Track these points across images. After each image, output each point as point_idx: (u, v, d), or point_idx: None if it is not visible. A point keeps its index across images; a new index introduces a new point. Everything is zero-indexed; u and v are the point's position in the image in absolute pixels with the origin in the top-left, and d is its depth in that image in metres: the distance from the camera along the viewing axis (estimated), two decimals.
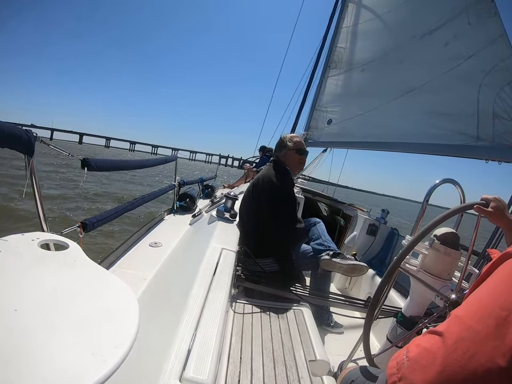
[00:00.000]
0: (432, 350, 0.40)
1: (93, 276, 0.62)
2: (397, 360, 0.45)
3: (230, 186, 4.17)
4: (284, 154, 1.83)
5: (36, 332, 0.42)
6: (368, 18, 3.67)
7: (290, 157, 1.83)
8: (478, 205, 0.80)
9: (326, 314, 1.81)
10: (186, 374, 0.59)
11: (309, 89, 4.36)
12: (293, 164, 1.85)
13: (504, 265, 0.42)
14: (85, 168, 1.14)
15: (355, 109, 3.56)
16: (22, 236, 0.68)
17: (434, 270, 1.02)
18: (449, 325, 0.41)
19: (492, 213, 0.78)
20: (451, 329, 0.40)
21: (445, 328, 0.41)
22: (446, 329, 0.41)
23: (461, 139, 2.35)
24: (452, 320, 0.41)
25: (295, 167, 1.87)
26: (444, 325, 0.42)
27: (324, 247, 1.74)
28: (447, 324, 0.42)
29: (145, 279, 1.25)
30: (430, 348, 0.41)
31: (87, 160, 1.15)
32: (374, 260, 2.72)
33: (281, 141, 1.87)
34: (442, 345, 0.39)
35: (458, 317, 0.41)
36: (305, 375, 0.97)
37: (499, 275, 0.42)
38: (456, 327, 0.40)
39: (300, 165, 1.89)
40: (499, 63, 2.21)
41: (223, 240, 1.39)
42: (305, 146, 1.90)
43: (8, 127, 0.82)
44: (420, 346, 0.43)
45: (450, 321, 0.42)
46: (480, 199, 0.82)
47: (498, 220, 0.78)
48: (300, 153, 1.84)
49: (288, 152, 1.83)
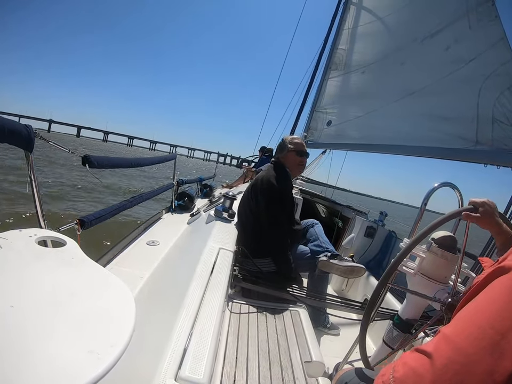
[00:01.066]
0: (420, 372, 0.38)
1: (90, 274, 0.62)
2: (382, 379, 0.43)
3: (229, 186, 4.17)
4: (284, 155, 1.84)
5: (31, 329, 0.42)
6: (370, 21, 3.68)
7: (290, 158, 1.84)
8: (466, 211, 0.80)
9: (323, 315, 1.81)
10: (182, 373, 0.59)
11: (309, 91, 4.37)
12: (293, 165, 1.85)
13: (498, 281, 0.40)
14: (86, 165, 1.15)
15: (355, 111, 3.57)
16: (19, 232, 0.68)
17: (431, 273, 1.02)
18: (439, 345, 0.39)
19: (480, 218, 0.78)
20: (440, 350, 0.38)
21: (433, 348, 0.39)
22: (435, 349, 0.38)
23: (460, 143, 2.36)
24: (441, 340, 0.39)
25: (295, 169, 1.87)
26: (433, 344, 0.39)
27: (322, 248, 1.74)
28: (436, 343, 0.39)
29: (142, 277, 1.25)
30: (418, 368, 0.38)
31: (88, 157, 1.15)
32: (372, 262, 2.73)
33: (282, 142, 1.88)
34: (431, 367, 0.37)
35: (448, 337, 0.38)
36: (301, 376, 0.97)
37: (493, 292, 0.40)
38: (446, 347, 0.37)
39: (299, 167, 1.89)
40: (499, 67, 2.22)
41: (221, 239, 1.38)
42: (305, 148, 1.91)
43: (8, 123, 0.82)
44: (407, 365, 0.41)
45: (439, 341, 0.39)
46: (468, 203, 0.83)
47: (487, 224, 0.79)
48: (300, 155, 1.85)
49: (288, 153, 1.83)
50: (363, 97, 3.54)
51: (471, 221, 0.80)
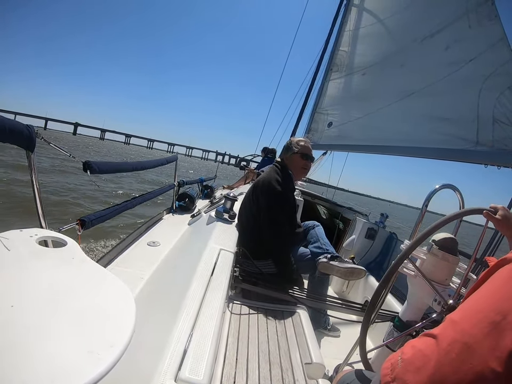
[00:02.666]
0: (426, 352, 0.40)
1: (91, 274, 0.62)
2: (391, 361, 0.45)
3: (230, 187, 4.17)
4: (290, 157, 1.82)
5: (32, 329, 0.42)
6: (371, 23, 3.69)
7: (295, 160, 1.81)
8: (487, 211, 0.82)
9: (323, 317, 1.81)
10: (181, 374, 0.59)
11: (310, 92, 4.38)
12: (297, 168, 1.83)
13: (500, 271, 0.43)
14: (87, 171, 1.12)
15: (355, 112, 3.57)
16: (20, 232, 0.68)
17: (432, 275, 1.02)
18: (444, 328, 0.41)
19: (500, 221, 0.80)
20: (446, 332, 0.41)
21: (440, 331, 0.41)
22: (441, 332, 0.41)
23: (460, 144, 2.36)
24: (447, 324, 0.42)
25: (298, 172, 1.85)
26: (439, 328, 0.42)
27: (322, 250, 1.73)
28: (443, 327, 0.42)
29: (143, 278, 1.25)
30: (424, 350, 0.41)
31: (89, 163, 1.13)
32: (372, 264, 2.72)
33: (289, 143, 1.85)
34: (436, 347, 0.39)
35: (454, 321, 0.41)
36: (301, 378, 0.96)
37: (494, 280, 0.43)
38: (451, 330, 0.40)
39: (303, 170, 1.87)
40: (499, 67, 2.22)
41: (222, 241, 1.38)
42: (312, 152, 1.88)
43: (10, 122, 0.82)
44: (415, 347, 0.43)
45: (445, 325, 0.42)
46: (489, 207, 0.84)
47: (505, 227, 0.81)
48: (305, 158, 1.82)
49: (294, 155, 1.81)
50: (364, 99, 3.54)
51: (491, 220, 0.82)
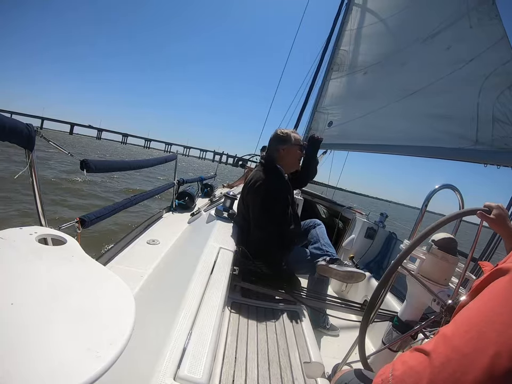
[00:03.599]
0: (418, 370, 0.39)
1: (90, 272, 0.62)
2: (382, 378, 0.44)
3: (230, 186, 4.16)
4: (287, 148, 1.73)
5: (31, 326, 0.42)
6: (372, 22, 3.67)
7: (293, 152, 1.75)
8: (480, 211, 0.81)
9: (322, 316, 1.80)
10: (180, 373, 0.59)
11: (311, 91, 4.37)
12: (293, 160, 1.78)
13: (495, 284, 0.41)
14: (84, 170, 1.11)
15: (356, 111, 3.56)
16: (20, 229, 0.68)
17: (431, 275, 1.02)
18: (437, 344, 0.40)
19: (494, 220, 0.79)
20: (438, 349, 0.39)
21: (432, 347, 0.40)
22: (434, 348, 0.39)
23: (460, 143, 2.36)
24: (439, 339, 0.40)
25: (293, 163, 1.80)
26: (432, 343, 0.41)
27: (322, 251, 1.70)
28: (435, 342, 0.40)
29: (142, 276, 1.25)
30: (416, 366, 0.40)
31: (87, 161, 1.12)
32: (371, 264, 2.73)
33: (282, 135, 1.74)
34: (429, 365, 0.38)
35: (446, 336, 0.39)
36: (300, 377, 0.97)
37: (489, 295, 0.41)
38: (444, 347, 0.38)
39: (298, 162, 1.84)
40: (499, 67, 2.22)
41: (221, 239, 1.38)
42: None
43: (9, 121, 0.82)
44: (406, 364, 0.42)
45: (437, 340, 0.40)
46: (483, 206, 0.83)
47: (500, 227, 0.79)
48: (302, 150, 1.79)
49: (291, 147, 1.73)
50: (364, 98, 3.53)
51: (485, 220, 0.80)
